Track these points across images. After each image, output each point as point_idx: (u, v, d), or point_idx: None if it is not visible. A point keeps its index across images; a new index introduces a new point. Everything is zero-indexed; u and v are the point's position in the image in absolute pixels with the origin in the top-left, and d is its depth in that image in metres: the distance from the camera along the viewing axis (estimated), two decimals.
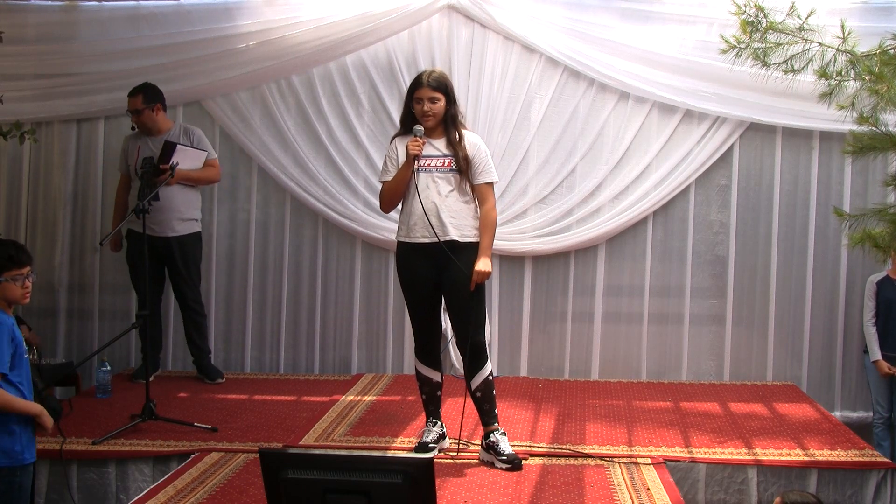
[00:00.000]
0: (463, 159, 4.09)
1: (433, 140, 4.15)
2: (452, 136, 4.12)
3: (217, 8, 5.88)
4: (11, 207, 6.10)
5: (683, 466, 4.28)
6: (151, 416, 4.62)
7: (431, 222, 4.06)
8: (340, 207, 5.92)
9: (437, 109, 4.09)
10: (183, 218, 5.45)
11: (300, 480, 2.50)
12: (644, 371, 5.92)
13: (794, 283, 5.88)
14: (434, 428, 4.28)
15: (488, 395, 4.15)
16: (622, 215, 5.84)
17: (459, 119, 4.18)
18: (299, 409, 5.10)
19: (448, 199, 4.10)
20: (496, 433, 4.14)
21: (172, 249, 5.43)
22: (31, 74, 5.93)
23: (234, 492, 3.81)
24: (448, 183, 4.11)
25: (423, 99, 4.08)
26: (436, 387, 4.29)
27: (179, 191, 5.40)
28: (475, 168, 4.12)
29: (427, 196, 4.08)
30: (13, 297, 3.46)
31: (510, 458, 4.08)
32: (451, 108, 4.14)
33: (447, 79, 4.19)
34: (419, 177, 4.09)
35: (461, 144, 4.11)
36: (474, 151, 4.13)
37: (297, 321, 6.09)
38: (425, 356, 4.28)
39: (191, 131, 5.49)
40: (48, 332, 6.04)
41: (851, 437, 4.68)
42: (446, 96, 4.11)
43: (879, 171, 5.65)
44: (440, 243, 4.05)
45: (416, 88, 4.12)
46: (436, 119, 4.11)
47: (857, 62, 4.25)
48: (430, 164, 4.11)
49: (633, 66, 5.76)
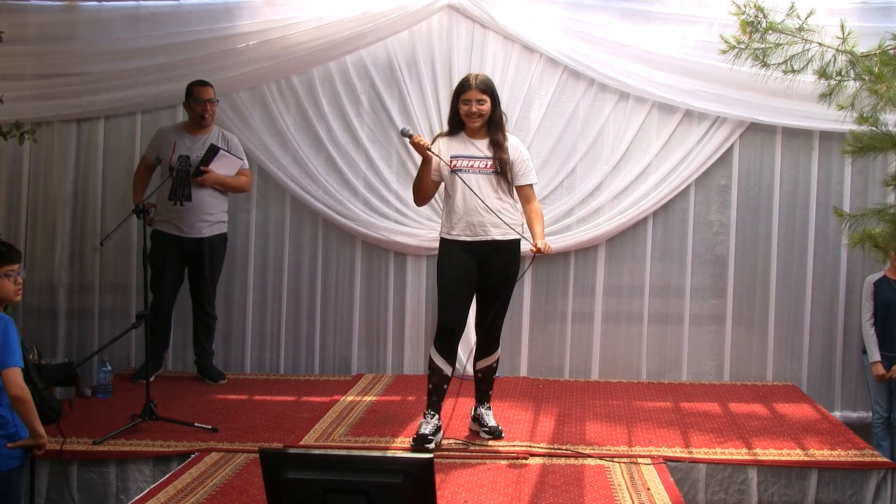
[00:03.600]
0: (504, 161, 4.27)
1: (476, 141, 4.34)
2: (496, 138, 4.30)
3: (217, 8, 5.88)
4: (11, 207, 6.09)
5: (683, 466, 4.28)
6: (152, 416, 4.63)
7: (474, 222, 4.26)
8: (340, 207, 5.92)
9: (484, 111, 4.27)
10: (213, 220, 5.48)
11: (300, 480, 2.50)
12: (644, 371, 5.92)
13: (794, 283, 5.88)
14: (432, 420, 4.33)
15: (488, 379, 4.54)
16: (622, 215, 5.84)
17: (504, 122, 4.36)
18: (299, 409, 5.10)
19: (489, 200, 4.25)
20: (483, 407, 4.58)
21: (203, 250, 5.44)
22: (31, 74, 5.92)
23: (234, 492, 3.81)
24: (489, 183, 4.28)
25: (472, 101, 4.25)
26: (444, 379, 4.34)
27: (211, 193, 5.42)
28: (517, 170, 4.32)
29: (469, 196, 4.25)
30: (7, 293, 3.48)
31: (492, 430, 4.49)
32: (497, 110, 4.32)
33: (493, 83, 4.37)
34: (462, 177, 4.25)
35: (504, 147, 4.29)
36: (516, 155, 4.33)
37: (297, 321, 6.09)
38: (444, 347, 4.33)
39: (229, 138, 5.53)
40: (48, 332, 6.04)
41: (851, 437, 4.68)
42: (492, 99, 4.28)
43: (879, 171, 5.66)
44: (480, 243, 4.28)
45: (463, 90, 4.29)
46: (482, 120, 4.29)
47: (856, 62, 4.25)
48: (473, 166, 4.29)
49: (633, 66, 5.77)
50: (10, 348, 3.34)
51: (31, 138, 5.44)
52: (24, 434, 3.44)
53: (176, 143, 5.39)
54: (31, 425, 3.39)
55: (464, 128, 4.35)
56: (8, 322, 3.38)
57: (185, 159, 5.34)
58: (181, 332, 5.85)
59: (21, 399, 3.34)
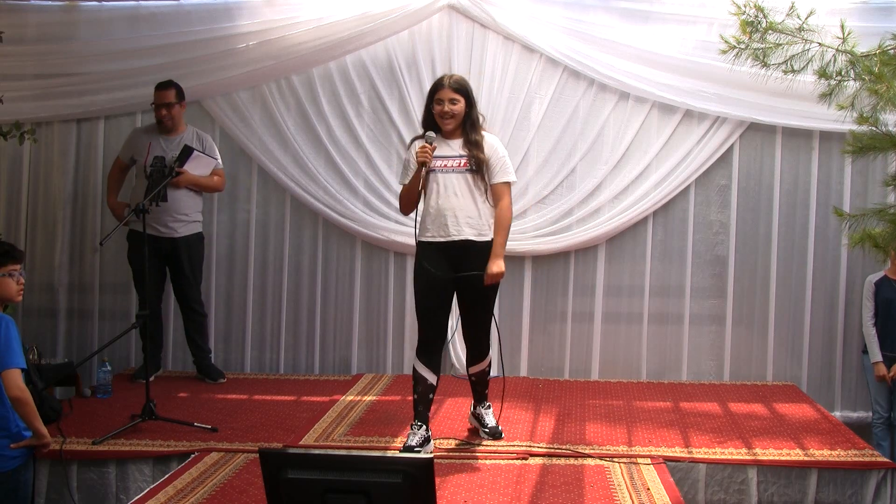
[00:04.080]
0: (478, 160, 4.18)
1: (450, 140, 4.26)
2: (471, 138, 4.22)
3: (217, 8, 5.88)
4: (11, 207, 6.09)
5: (683, 466, 4.28)
6: (151, 416, 4.63)
7: (448, 222, 4.16)
8: (340, 207, 5.92)
9: (457, 111, 4.19)
10: (188, 220, 5.48)
11: (300, 480, 2.50)
12: (644, 371, 5.92)
13: (794, 283, 5.88)
14: (419, 431, 4.26)
15: (482, 380, 4.52)
16: (622, 215, 5.84)
17: (479, 122, 4.28)
18: (299, 409, 5.10)
19: (463, 199, 4.18)
20: (482, 407, 4.57)
21: (179, 250, 5.44)
22: (31, 74, 5.93)
23: (234, 492, 3.81)
24: (464, 183, 4.19)
25: (444, 100, 4.18)
26: (429, 388, 4.28)
27: (186, 193, 5.43)
28: (492, 168, 4.23)
29: (443, 196, 4.17)
30: (9, 293, 3.48)
31: (492, 431, 4.49)
32: (471, 111, 4.24)
33: (467, 83, 4.30)
34: (435, 177, 4.19)
35: (479, 145, 4.21)
36: (491, 152, 4.24)
37: (297, 321, 6.09)
38: (427, 357, 4.28)
39: (203, 137, 5.53)
40: (48, 332, 6.05)
41: (851, 436, 4.68)
42: (466, 99, 4.22)
43: (879, 171, 5.65)
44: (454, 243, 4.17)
45: (437, 90, 4.23)
46: (456, 121, 4.21)
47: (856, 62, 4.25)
48: (447, 165, 4.21)
49: (633, 66, 5.77)
50: (11, 349, 3.34)
51: (31, 138, 5.44)
52: (27, 434, 3.44)
53: (151, 144, 5.40)
54: (33, 426, 3.40)
55: (438, 129, 4.25)
56: (9, 322, 3.38)
57: (160, 160, 5.34)
58: (180, 332, 5.85)
59: (21, 400, 3.34)
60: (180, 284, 5.56)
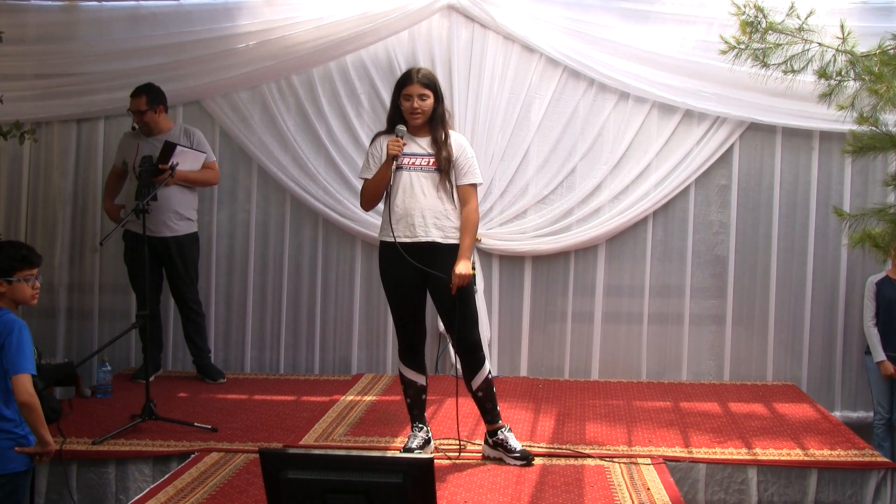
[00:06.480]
0: (446, 159, 4.02)
1: (417, 138, 4.08)
2: (438, 136, 4.05)
3: (217, 8, 5.88)
4: (11, 207, 6.09)
5: (683, 466, 4.28)
6: (151, 416, 4.62)
7: (415, 222, 4.01)
8: (340, 207, 5.92)
9: (426, 107, 4.01)
10: (180, 218, 5.46)
11: (300, 480, 2.50)
12: (644, 371, 5.92)
13: (794, 283, 5.88)
14: (419, 433, 4.23)
15: (489, 393, 4.14)
16: (622, 215, 5.84)
17: (447, 118, 4.11)
18: (299, 409, 5.10)
19: (430, 199, 4.02)
20: (503, 430, 4.16)
21: (171, 249, 5.43)
22: (31, 74, 5.93)
23: (234, 492, 3.81)
24: (431, 182, 4.02)
25: (413, 95, 4.00)
26: (420, 390, 4.25)
27: (177, 191, 5.40)
28: (459, 169, 4.05)
29: (409, 195, 4.02)
30: (24, 297, 3.46)
31: (523, 454, 4.12)
32: (439, 106, 4.07)
33: (435, 77, 4.13)
34: (402, 175, 4.03)
35: (447, 144, 4.04)
36: (459, 152, 4.06)
37: (297, 321, 6.09)
38: (409, 359, 4.22)
39: (191, 132, 5.49)
40: (48, 332, 6.04)
41: (851, 437, 4.68)
42: (435, 94, 4.04)
43: (879, 171, 5.66)
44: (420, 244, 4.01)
45: (405, 84, 4.03)
46: (424, 116, 4.03)
47: (856, 62, 4.25)
48: (414, 163, 4.03)
49: (633, 66, 5.77)
50: (24, 354, 3.32)
51: (31, 138, 5.44)
52: (32, 440, 3.43)
53: (139, 145, 5.39)
54: (38, 433, 3.38)
55: (406, 124, 4.06)
56: (22, 327, 3.37)
57: (147, 159, 5.30)
58: (180, 332, 5.85)
59: (29, 405, 3.32)
60: (176, 284, 5.56)
